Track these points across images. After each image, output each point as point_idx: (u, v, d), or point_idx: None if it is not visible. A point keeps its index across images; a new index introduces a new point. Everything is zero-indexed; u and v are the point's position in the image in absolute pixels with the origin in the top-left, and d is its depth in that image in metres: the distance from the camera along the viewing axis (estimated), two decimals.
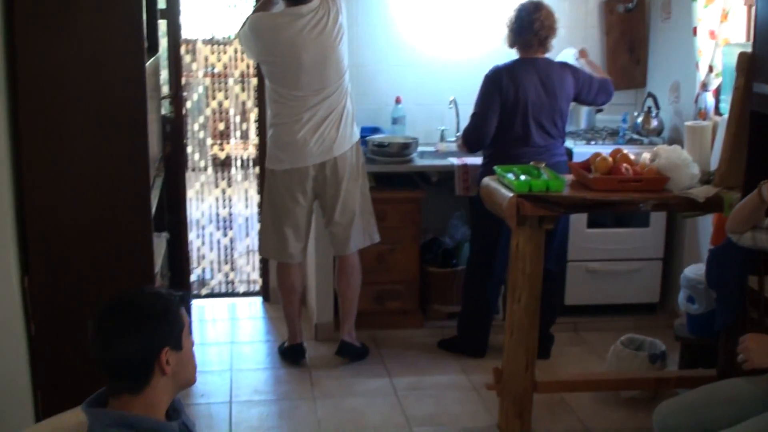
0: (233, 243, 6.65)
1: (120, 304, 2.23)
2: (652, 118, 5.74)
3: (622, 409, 4.72)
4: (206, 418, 4.67)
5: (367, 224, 5.15)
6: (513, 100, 4.94)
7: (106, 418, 2.18)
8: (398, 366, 5.24)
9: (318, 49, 4.85)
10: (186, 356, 2.25)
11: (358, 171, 5.08)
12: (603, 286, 5.78)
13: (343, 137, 4.97)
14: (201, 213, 6.65)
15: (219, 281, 6.61)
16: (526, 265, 4.22)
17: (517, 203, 4.06)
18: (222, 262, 6.62)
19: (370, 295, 5.54)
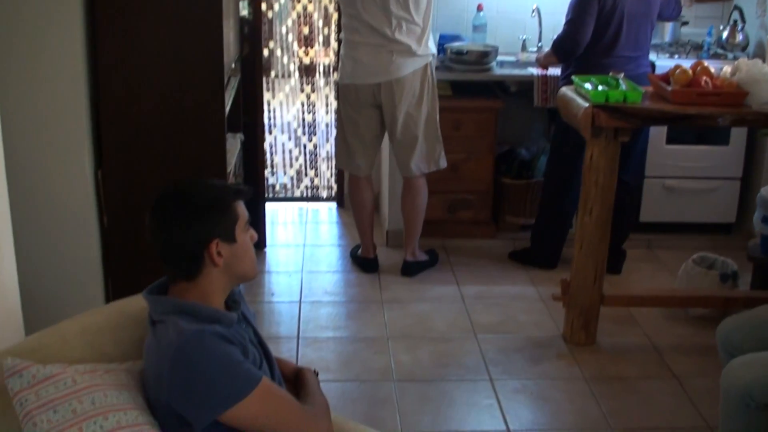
0: (317, 149, 6.66)
1: (173, 193, 2.24)
2: (738, 32, 5.59)
3: (689, 326, 4.68)
4: (276, 315, 4.76)
5: (431, 150, 5.08)
6: (610, 9, 4.82)
7: (166, 305, 2.22)
8: (467, 275, 5.25)
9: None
10: (240, 250, 2.25)
11: (423, 95, 4.97)
12: (679, 203, 5.70)
13: (406, 60, 4.88)
14: (292, 116, 6.66)
15: (295, 185, 6.65)
16: (599, 178, 4.17)
17: (593, 113, 4.00)
18: (298, 166, 6.65)
19: (443, 204, 5.53)
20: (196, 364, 2.08)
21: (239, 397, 2.09)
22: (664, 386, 4.09)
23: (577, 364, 4.25)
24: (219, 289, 2.26)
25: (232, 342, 2.16)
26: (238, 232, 2.24)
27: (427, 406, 3.90)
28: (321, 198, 6.64)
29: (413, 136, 5.00)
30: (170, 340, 2.10)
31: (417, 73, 4.91)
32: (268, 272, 5.28)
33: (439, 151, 5.10)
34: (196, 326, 2.13)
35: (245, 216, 2.29)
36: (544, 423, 3.80)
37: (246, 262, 2.29)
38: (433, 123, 5.04)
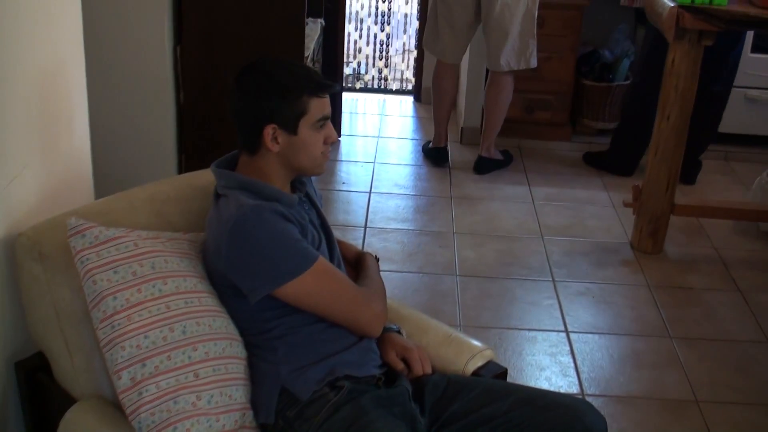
0: (390, 40, 6.61)
1: (255, 66, 2.25)
2: None
3: (759, 241, 4.61)
4: (345, 203, 4.79)
5: (524, 46, 4.99)
6: None
7: (231, 180, 2.24)
8: (540, 176, 5.22)
9: None
10: (300, 143, 2.22)
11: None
12: (761, 115, 5.56)
13: None
14: (360, 5, 6.61)
15: (374, 77, 6.62)
16: (680, 82, 4.08)
17: (678, 14, 3.90)
18: (378, 58, 6.61)
19: (521, 103, 5.47)
20: (254, 238, 2.10)
21: (295, 273, 2.11)
22: (727, 299, 4.06)
23: (641, 271, 4.22)
24: (277, 173, 2.26)
25: (291, 221, 2.18)
26: (302, 126, 2.21)
27: (488, 301, 3.91)
28: (392, 90, 6.60)
29: (508, 28, 4.91)
30: (230, 212, 2.13)
31: None
32: (341, 161, 5.29)
33: (531, 48, 5.02)
34: (256, 202, 2.15)
35: (320, 113, 2.23)
36: (602, 326, 3.79)
37: (304, 158, 2.25)
38: (530, 18, 4.95)
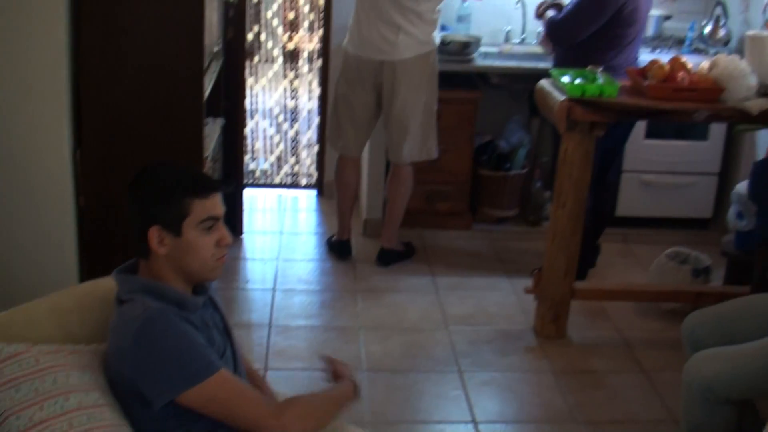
0: (293, 135, 6.66)
1: (143, 170, 2.29)
2: (720, 27, 5.61)
3: (660, 320, 4.71)
4: (249, 302, 4.77)
5: (425, 138, 5.07)
6: (629, 14, 4.66)
7: (133, 284, 2.24)
8: (442, 266, 5.26)
9: None
10: (185, 245, 2.22)
11: (423, 82, 4.97)
12: (656, 198, 5.71)
13: (408, 43, 4.86)
14: (274, 102, 6.66)
15: (275, 172, 6.64)
16: (573, 171, 4.18)
17: (568, 107, 4.01)
18: (279, 153, 6.65)
19: (421, 194, 5.53)
20: (159, 341, 2.10)
21: (199, 378, 2.11)
22: (632, 380, 4.12)
23: (545, 357, 4.27)
24: (172, 276, 2.25)
25: (196, 327, 2.18)
26: (186, 227, 2.21)
27: (396, 396, 3.92)
28: (301, 185, 6.63)
29: (408, 122, 4.98)
30: (135, 315, 2.13)
31: (421, 58, 4.92)
32: (244, 259, 5.28)
33: (432, 140, 5.10)
34: (161, 305, 2.15)
35: (204, 214, 2.23)
36: (510, 415, 3.82)
37: (192, 261, 2.25)
38: (430, 111, 5.04)
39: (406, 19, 4.82)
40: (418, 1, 4.79)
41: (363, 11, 4.91)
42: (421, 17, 4.85)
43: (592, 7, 4.64)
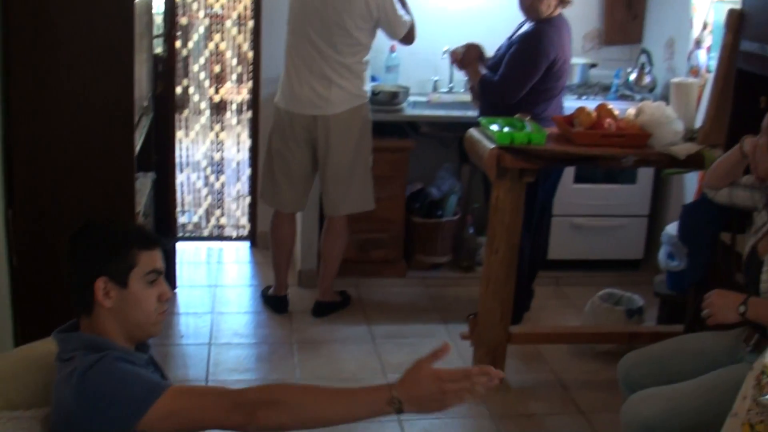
0: (223, 187, 6.65)
1: (86, 225, 2.29)
2: (645, 74, 5.74)
3: (596, 362, 4.75)
4: (185, 358, 4.71)
5: (361, 191, 5.09)
6: (559, 68, 4.75)
7: (74, 342, 2.21)
8: (378, 314, 5.27)
9: (331, 9, 4.77)
10: (132, 298, 2.22)
11: (357, 135, 4.99)
12: (587, 241, 5.80)
13: (340, 97, 4.89)
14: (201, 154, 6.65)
15: (207, 225, 6.62)
16: (505, 217, 4.22)
17: (498, 155, 4.06)
18: (211, 205, 6.63)
19: (355, 244, 5.54)
20: (101, 384, 2.08)
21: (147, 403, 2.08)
22: (570, 422, 4.15)
23: (484, 402, 4.27)
24: (116, 332, 2.24)
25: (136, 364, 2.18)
26: (133, 279, 2.22)
27: None
28: (232, 237, 6.60)
29: (344, 176, 5.00)
30: (75, 368, 2.11)
31: (354, 111, 4.94)
32: (178, 313, 5.22)
33: (369, 192, 5.12)
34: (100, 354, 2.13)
35: (150, 266, 2.26)
36: None
37: (138, 314, 2.25)
38: (365, 164, 5.06)
39: (337, 72, 4.86)
40: (344, 54, 4.84)
41: (293, 66, 4.93)
42: (350, 69, 4.88)
43: (527, 68, 4.70)
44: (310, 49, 4.86)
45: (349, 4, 4.75)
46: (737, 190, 3.42)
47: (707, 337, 3.30)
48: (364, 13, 4.77)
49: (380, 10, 4.78)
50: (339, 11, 4.75)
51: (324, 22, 4.79)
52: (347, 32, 4.79)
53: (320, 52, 4.84)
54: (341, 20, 4.76)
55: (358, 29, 4.80)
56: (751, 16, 3.78)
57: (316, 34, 4.83)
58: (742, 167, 3.38)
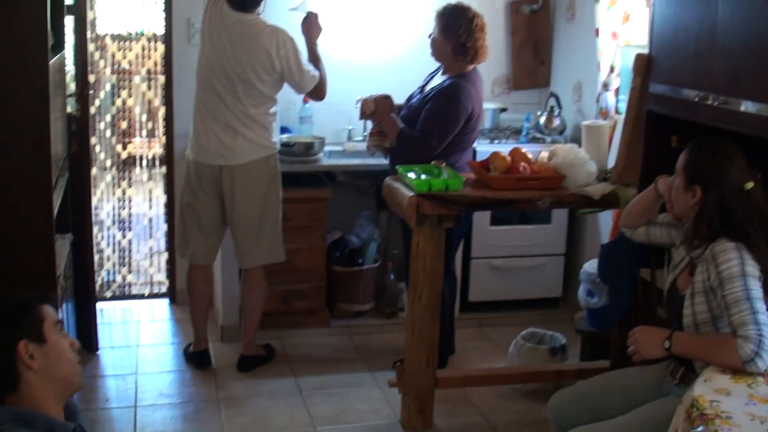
0: (138, 245, 6.58)
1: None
2: (555, 117, 5.86)
3: (524, 401, 4.80)
4: (111, 423, 4.62)
5: (271, 242, 5.09)
6: (474, 120, 4.83)
7: (2, 415, 2.17)
8: (304, 366, 5.25)
9: (234, 62, 4.81)
10: (54, 350, 2.24)
11: (266, 186, 5.01)
12: (506, 282, 5.88)
13: (246, 148, 4.90)
14: (107, 213, 6.58)
15: (125, 283, 6.54)
16: (427, 263, 4.26)
17: (417, 202, 4.11)
18: (128, 264, 6.56)
19: (277, 296, 5.53)
20: None
21: None
22: None
23: None
24: (47, 398, 2.22)
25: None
26: (47, 331, 2.23)
27: None
28: (150, 295, 6.51)
29: (253, 227, 5.00)
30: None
31: (260, 162, 4.95)
32: (102, 376, 5.13)
33: (278, 244, 5.11)
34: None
35: (54, 316, 2.29)
36: None
37: (63, 364, 2.26)
38: (274, 215, 5.07)
39: (242, 123, 4.88)
40: (249, 105, 4.86)
41: (201, 117, 4.96)
42: (256, 120, 4.91)
43: (447, 123, 4.75)
44: (216, 101, 4.89)
45: (252, 58, 4.79)
46: (654, 228, 3.52)
47: (634, 373, 3.37)
48: (267, 66, 4.82)
49: (284, 64, 4.84)
50: (242, 64, 4.80)
51: (228, 75, 4.83)
52: (251, 84, 4.84)
53: (226, 103, 4.87)
54: (244, 73, 4.81)
55: (261, 82, 4.85)
56: (658, 60, 3.91)
57: (221, 86, 4.86)
58: (657, 206, 3.48)
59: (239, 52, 4.80)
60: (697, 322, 3.03)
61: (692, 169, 3.12)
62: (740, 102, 3.32)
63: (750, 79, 3.30)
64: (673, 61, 3.80)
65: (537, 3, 6.20)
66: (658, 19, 3.91)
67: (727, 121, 3.40)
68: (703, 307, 3.00)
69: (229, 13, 4.85)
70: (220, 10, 4.86)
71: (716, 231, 3.01)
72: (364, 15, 6.03)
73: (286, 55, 4.83)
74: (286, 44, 4.83)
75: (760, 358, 2.74)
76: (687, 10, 3.68)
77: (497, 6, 6.23)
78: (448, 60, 4.85)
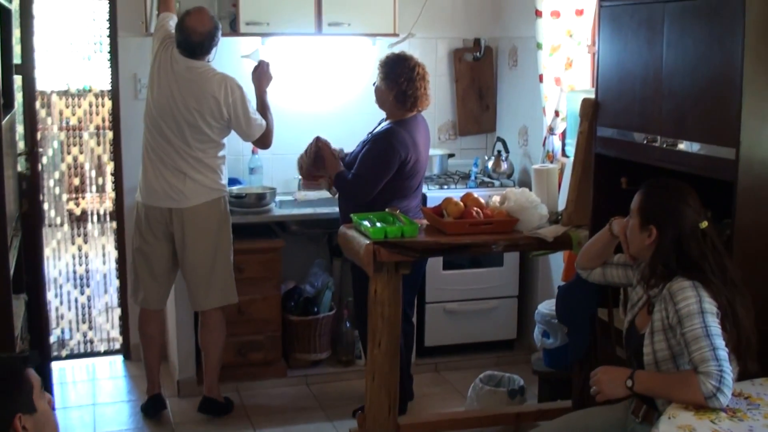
0: (91, 301, 6.54)
1: None
2: (502, 161, 5.96)
3: None
4: None
5: (223, 285, 5.10)
6: (413, 165, 4.85)
7: None
8: (263, 418, 5.23)
9: (182, 107, 4.86)
10: (43, 417, 2.23)
11: (214, 228, 5.03)
12: (461, 325, 5.93)
13: (195, 190, 4.94)
14: (59, 271, 6.54)
15: (79, 341, 6.48)
16: (385, 310, 4.29)
17: (374, 250, 4.15)
18: (80, 321, 6.50)
19: (233, 347, 5.51)
20: None
21: None
22: None
23: None
24: None
25: None
26: (36, 400, 2.23)
27: None
28: (104, 352, 6.46)
29: (205, 270, 5.01)
30: None
31: (209, 204, 4.98)
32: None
33: (230, 286, 5.12)
34: None
35: (39, 381, 2.27)
36: None
37: (50, 429, 2.27)
38: (226, 257, 5.08)
39: (190, 165, 4.91)
40: (197, 149, 4.90)
41: (150, 161, 4.98)
42: (204, 164, 4.94)
43: (378, 167, 4.81)
44: (165, 144, 4.92)
45: (200, 104, 4.85)
46: (610, 269, 3.59)
47: (596, 413, 3.42)
48: (215, 112, 4.87)
49: (231, 111, 4.89)
50: (190, 109, 4.85)
51: (176, 119, 4.87)
52: (199, 129, 4.89)
53: (174, 147, 4.91)
54: (193, 118, 4.86)
55: (209, 127, 4.90)
56: (605, 105, 4.01)
57: (170, 130, 4.90)
58: (612, 247, 3.55)
59: (188, 97, 4.86)
60: (657, 360, 3.09)
61: (647, 210, 3.20)
62: (687, 143, 3.42)
63: (696, 121, 3.41)
64: (619, 104, 3.90)
65: (479, 50, 6.31)
66: (603, 65, 4.01)
67: (675, 161, 3.51)
68: (663, 345, 3.07)
69: (178, 59, 4.91)
70: (170, 56, 4.92)
71: (673, 270, 3.09)
72: (314, 65, 6.10)
73: (234, 103, 4.88)
74: (235, 92, 4.89)
75: (721, 393, 2.81)
76: (632, 55, 3.78)
77: (440, 54, 6.34)
78: (390, 107, 4.93)
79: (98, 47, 6.31)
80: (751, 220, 3.25)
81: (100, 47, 6.27)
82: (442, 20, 6.30)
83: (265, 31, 5.60)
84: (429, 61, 6.15)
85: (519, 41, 6.07)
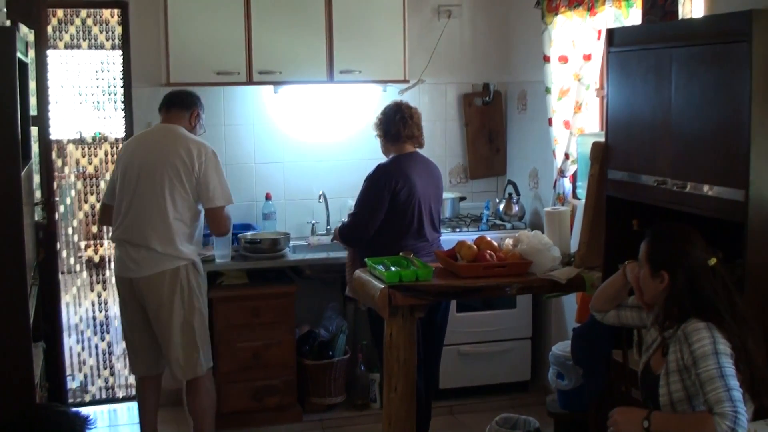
0: (111, 347, 6.57)
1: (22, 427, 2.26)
2: (513, 204, 6.01)
3: None
4: None
5: (188, 357, 4.88)
6: (406, 197, 4.89)
7: None
8: None
9: (158, 164, 4.81)
10: None
11: (175, 299, 4.83)
12: (476, 367, 5.95)
13: (160, 258, 4.80)
14: (80, 317, 6.58)
15: (100, 387, 6.50)
16: (401, 354, 4.32)
17: (389, 294, 4.19)
18: (102, 367, 6.53)
19: (248, 392, 5.55)
20: None
21: None
22: None
23: None
24: None
25: None
26: None
27: None
28: (118, 399, 6.47)
29: (167, 341, 4.86)
30: None
31: (168, 274, 4.81)
32: None
33: (196, 358, 4.90)
34: None
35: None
36: None
37: None
38: (189, 329, 4.87)
39: (151, 231, 4.80)
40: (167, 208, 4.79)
41: (117, 230, 4.93)
42: (167, 226, 4.80)
43: (370, 200, 4.90)
44: (129, 209, 4.86)
45: (173, 156, 4.81)
46: (625, 311, 3.62)
47: None
48: (187, 163, 4.80)
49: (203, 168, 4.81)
50: (164, 162, 4.79)
51: (151, 175, 4.80)
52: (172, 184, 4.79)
53: (138, 211, 4.84)
54: (166, 170, 4.79)
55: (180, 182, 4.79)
56: (615, 148, 4.06)
57: (145, 186, 4.81)
58: (626, 290, 3.58)
59: (161, 152, 4.82)
60: (673, 401, 3.12)
61: (655, 257, 3.24)
62: (697, 185, 3.46)
63: (705, 163, 3.45)
64: (629, 148, 3.95)
65: (488, 95, 6.38)
66: (613, 109, 4.07)
67: (685, 203, 3.55)
68: (678, 386, 3.10)
69: (153, 131, 5.00)
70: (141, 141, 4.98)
71: (687, 311, 3.12)
72: (325, 112, 6.19)
73: (207, 161, 4.82)
74: (208, 153, 4.86)
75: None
76: (640, 99, 3.84)
77: (450, 99, 6.42)
78: (385, 149, 5.11)
79: (112, 97, 6.40)
80: (763, 260, 3.29)
81: (114, 97, 6.36)
82: (451, 66, 6.39)
83: (278, 80, 5.69)
84: (439, 105, 6.28)
85: (527, 85, 6.14)
